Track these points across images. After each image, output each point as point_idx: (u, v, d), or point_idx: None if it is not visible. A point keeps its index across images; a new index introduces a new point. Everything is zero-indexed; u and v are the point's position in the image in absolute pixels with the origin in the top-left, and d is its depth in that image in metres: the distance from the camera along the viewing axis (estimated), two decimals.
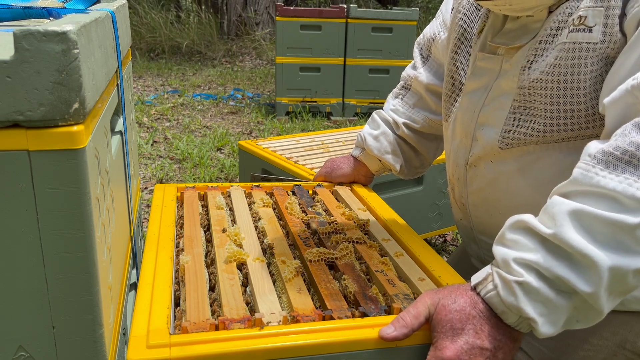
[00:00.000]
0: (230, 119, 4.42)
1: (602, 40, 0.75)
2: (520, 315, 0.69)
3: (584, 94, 0.79)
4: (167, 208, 1.12)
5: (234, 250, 0.92)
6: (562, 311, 0.67)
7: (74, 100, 0.68)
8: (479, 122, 0.97)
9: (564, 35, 0.80)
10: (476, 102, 0.98)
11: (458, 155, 1.03)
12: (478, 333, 0.70)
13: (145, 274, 0.85)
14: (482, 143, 0.95)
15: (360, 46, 4.33)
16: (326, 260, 0.94)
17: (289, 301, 0.81)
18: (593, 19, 0.76)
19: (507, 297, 0.68)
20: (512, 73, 0.90)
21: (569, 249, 0.64)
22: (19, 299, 0.74)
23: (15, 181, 0.69)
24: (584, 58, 0.77)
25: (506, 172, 0.92)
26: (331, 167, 1.35)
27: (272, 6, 7.72)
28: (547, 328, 0.68)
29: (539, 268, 0.67)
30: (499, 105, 0.92)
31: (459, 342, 0.70)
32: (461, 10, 1.06)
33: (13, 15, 0.94)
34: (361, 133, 1.30)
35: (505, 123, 0.91)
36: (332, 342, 0.72)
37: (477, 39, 1.01)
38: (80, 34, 0.69)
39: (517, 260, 0.68)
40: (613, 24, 0.74)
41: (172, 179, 3.06)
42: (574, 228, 0.64)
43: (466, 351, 0.69)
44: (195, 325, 0.72)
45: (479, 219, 1.02)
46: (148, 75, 6.04)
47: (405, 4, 9.56)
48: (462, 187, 1.03)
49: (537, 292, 0.67)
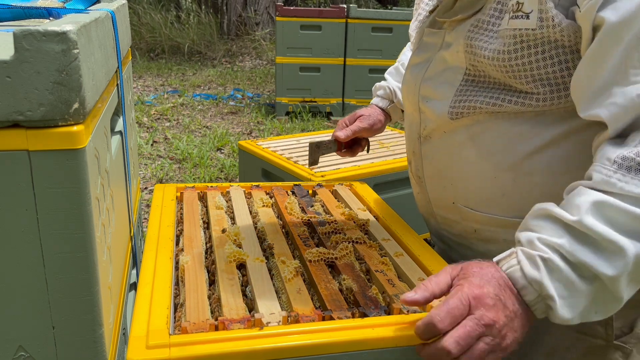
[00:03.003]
0: (230, 119, 4.42)
1: (540, 26, 0.77)
2: (540, 293, 0.69)
3: (532, 75, 0.81)
4: (167, 208, 1.12)
5: (234, 251, 0.92)
6: (582, 297, 0.68)
7: (74, 100, 0.68)
8: (421, 94, 0.99)
9: (505, 21, 0.83)
10: (416, 76, 1.00)
11: (412, 130, 1.04)
12: (498, 296, 0.70)
13: (145, 274, 0.85)
14: (432, 116, 0.96)
15: (360, 46, 4.33)
16: (326, 260, 0.94)
17: (289, 301, 0.81)
18: (529, 5, 0.78)
19: (531, 271, 0.70)
20: (455, 46, 0.91)
21: (595, 235, 0.66)
22: (19, 299, 0.74)
23: (15, 181, 0.69)
24: (525, 42, 0.80)
25: (458, 142, 0.93)
26: (370, 121, 1.25)
27: (272, 6, 7.72)
28: (566, 311, 0.68)
29: (563, 251, 0.68)
30: (446, 79, 0.94)
31: (486, 287, 0.70)
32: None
33: (13, 15, 0.94)
34: (389, 85, 1.28)
35: (456, 94, 0.92)
36: (331, 342, 0.72)
37: (427, 17, 1.05)
38: (80, 34, 0.69)
39: (542, 240, 0.70)
40: (547, 8, 0.76)
41: (172, 179, 3.06)
42: (599, 217, 0.67)
43: (492, 297, 0.69)
44: (194, 326, 0.72)
45: (434, 192, 1.03)
46: (148, 75, 6.04)
47: (405, 4, 9.56)
48: (418, 160, 1.04)
49: (560, 271, 0.68)
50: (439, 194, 1.01)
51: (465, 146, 0.92)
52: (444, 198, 1.00)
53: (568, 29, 0.75)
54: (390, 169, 1.95)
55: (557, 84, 0.80)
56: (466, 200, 0.94)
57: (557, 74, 0.79)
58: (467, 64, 0.90)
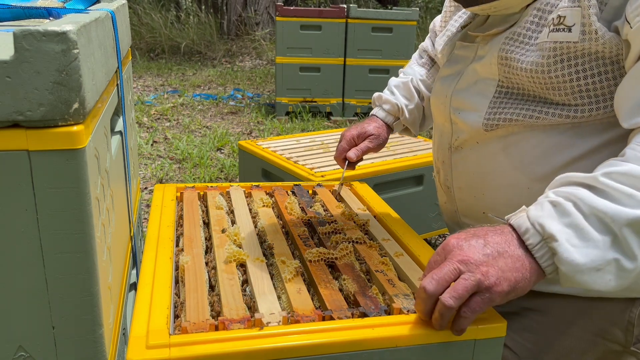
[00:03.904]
0: (230, 119, 4.42)
1: (582, 39, 0.78)
2: (543, 236, 0.69)
3: (571, 87, 0.82)
4: (167, 208, 1.12)
5: (234, 251, 0.92)
6: (595, 247, 0.67)
7: (74, 100, 0.68)
8: (452, 105, 1.00)
9: (544, 34, 0.83)
10: (447, 87, 1.01)
11: (442, 140, 1.05)
12: (480, 239, 0.71)
13: (145, 274, 0.85)
14: (465, 127, 0.97)
15: (360, 46, 4.33)
16: (326, 260, 0.94)
17: (289, 301, 0.81)
18: (572, 18, 0.79)
19: (534, 212, 0.70)
20: (488, 59, 0.92)
21: (613, 190, 0.67)
22: (19, 299, 0.74)
23: (15, 181, 0.69)
24: (566, 55, 0.81)
25: (491, 152, 0.94)
26: (379, 142, 1.26)
27: (272, 6, 7.72)
28: (577, 255, 0.67)
29: (575, 199, 0.69)
30: (479, 90, 0.94)
31: (471, 239, 0.71)
32: (450, 9, 1.14)
33: (13, 15, 0.94)
34: (397, 103, 1.28)
35: (490, 106, 0.92)
36: (331, 342, 0.72)
37: (459, 31, 1.06)
38: (80, 34, 0.69)
39: (556, 191, 0.71)
40: (591, 22, 0.77)
41: (172, 179, 3.06)
42: (623, 181, 0.67)
43: (468, 241, 0.71)
44: (194, 326, 0.72)
45: (463, 201, 1.03)
46: (148, 75, 6.04)
47: (405, 4, 9.56)
48: (447, 170, 1.04)
49: (569, 215, 0.68)
50: (468, 203, 1.01)
51: (499, 156, 0.92)
52: (473, 208, 1.00)
53: (610, 41, 0.77)
54: (390, 169, 1.95)
55: (596, 95, 0.81)
56: (497, 211, 0.93)
57: (597, 85, 0.80)
58: (500, 75, 0.90)
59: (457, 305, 0.68)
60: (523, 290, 0.70)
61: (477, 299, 0.68)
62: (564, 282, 0.70)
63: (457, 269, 0.69)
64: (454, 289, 0.68)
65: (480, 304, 0.69)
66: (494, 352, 0.78)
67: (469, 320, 0.71)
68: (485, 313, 0.78)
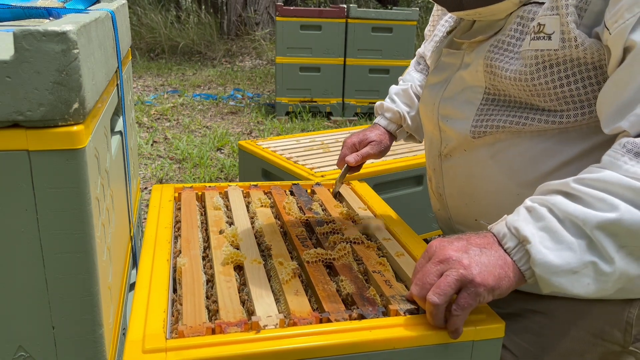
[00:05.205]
0: (230, 119, 4.42)
1: (562, 47, 0.79)
2: (519, 239, 0.70)
3: (555, 93, 0.82)
4: (165, 209, 1.12)
5: (231, 252, 0.92)
6: (570, 250, 0.68)
7: (73, 100, 0.68)
8: (440, 113, 1.00)
9: (527, 42, 0.84)
10: (435, 95, 1.02)
11: (432, 147, 1.05)
12: (462, 240, 0.73)
13: (142, 277, 0.85)
14: (453, 134, 0.97)
15: (360, 46, 4.33)
16: (324, 261, 0.94)
17: (286, 304, 0.81)
18: (551, 26, 0.80)
19: (511, 218, 0.72)
20: (474, 66, 0.92)
21: (586, 195, 0.69)
22: (19, 299, 0.74)
23: (15, 181, 0.69)
24: (547, 62, 0.81)
25: (480, 160, 0.94)
26: (380, 148, 1.28)
27: (272, 6, 7.72)
28: (553, 257, 0.68)
29: (549, 205, 0.71)
30: (466, 97, 0.95)
31: (454, 242, 0.73)
32: (437, 13, 1.16)
33: (13, 15, 0.94)
34: (399, 110, 1.28)
35: (477, 113, 0.93)
36: (329, 345, 0.72)
37: (445, 38, 1.06)
38: (80, 34, 0.69)
39: (532, 198, 0.74)
40: (569, 29, 0.78)
41: (172, 179, 3.06)
42: (595, 187, 0.69)
43: (450, 243, 0.73)
44: (191, 329, 0.72)
45: (456, 208, 1.03)
46: (148, 75, 6.04)
47: (405, 4, 9.56)
48: (439, 178, 1.05)
49: (543, 219, 0.70)
50: (460, 210, 1.02)
51: (487, 164, 0.93)
52: (465, 215, 1.00)
53: (591, 47, 0.77)
54: (390, 169, 1.95)
55: (580, 100, 0.81)
56: (488, 217, 0.94)
57: (581, 91, 0.80)
58: (487, 83, 0.91)
59: (442, 302, 0.70)
60: (507, 289, 0.71)
61: (464, 294, 0.70)
62: (543, 287, 0.71)
63: (439, 269, 0.71)
64: (437, 285, 0.70)
65: (467, 299, 0.70)
66: (492, 353, 0.78)
67: (461, 319, 0.72)
68: (484, 314, 0.79)
